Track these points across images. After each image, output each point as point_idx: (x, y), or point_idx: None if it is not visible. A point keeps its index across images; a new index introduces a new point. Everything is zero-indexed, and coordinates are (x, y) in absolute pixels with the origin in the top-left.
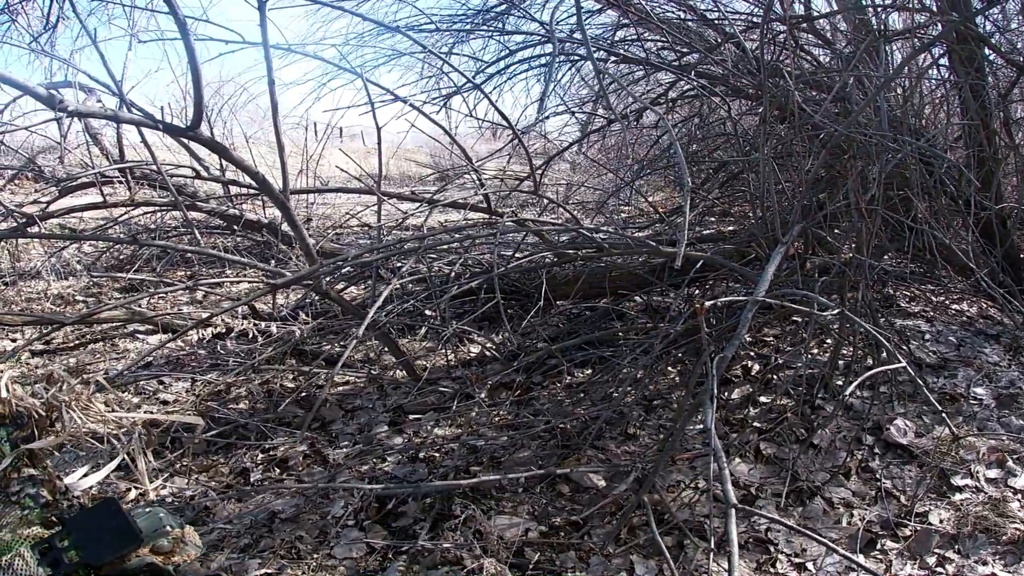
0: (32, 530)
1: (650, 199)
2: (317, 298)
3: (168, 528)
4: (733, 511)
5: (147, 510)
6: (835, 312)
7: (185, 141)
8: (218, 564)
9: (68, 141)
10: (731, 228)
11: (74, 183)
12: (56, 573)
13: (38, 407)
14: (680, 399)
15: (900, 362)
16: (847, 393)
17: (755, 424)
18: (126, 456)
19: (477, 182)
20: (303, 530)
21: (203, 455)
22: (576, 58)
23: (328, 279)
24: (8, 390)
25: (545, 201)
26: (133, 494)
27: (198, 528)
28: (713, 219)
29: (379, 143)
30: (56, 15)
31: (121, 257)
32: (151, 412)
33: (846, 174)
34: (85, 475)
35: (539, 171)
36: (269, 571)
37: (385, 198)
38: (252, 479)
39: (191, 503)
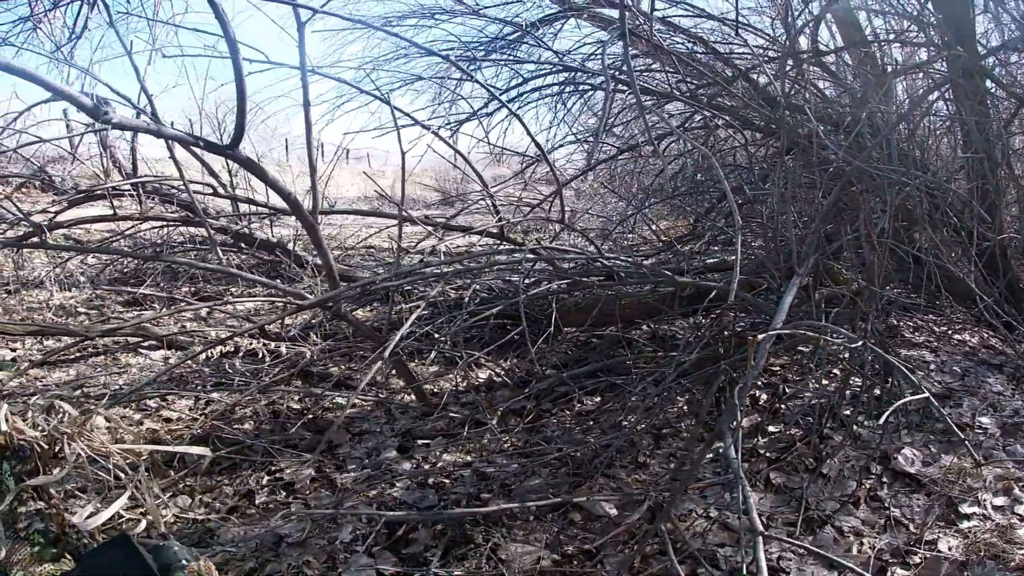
0: (43, 568)
1: (653, 227)
2: (325, 320)
3: (184, 562)
4: (760, 539)
5: (161, 544)
6: (858, 344)
7: (200, 156)
8: None
9: (79, 153)
10: (732, 258)
11: (86, 194)
12: None
13: (40, 440)
14: (692, 428)
15: (923, 392)
16: (880, 421)
17: (764, 453)
18: (134, 490)
19: (491, 207)
20: (310, 555)
21: (207, 475)
22: (586, 87)
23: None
24: (8, 423)
25: (556, 227)
26: (142, 525)
27: (202, 551)
28: (716, 248)
29: (403, 167)
30: (83, 25)
31: (125, 271)
32: (156, 442)
33: (858, 207)
34: (92, 513)
35: (551, 198)
36: None
37: (406, 222)
38: (257, 501)
39: (195, 524)
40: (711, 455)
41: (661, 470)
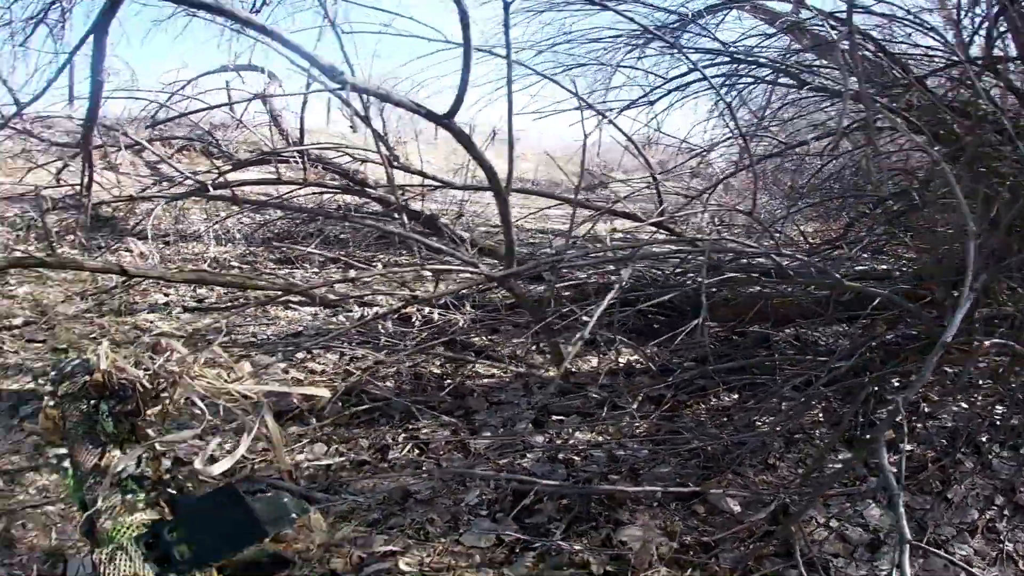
0: (136, 518)
1: (801, 228)
2: (477, 292)
3: (293, 516)
4: (908, 546)
5: (269, 494)
6: None
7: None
8: (342, 535)
9: (245, 120)
10: (883, 267)
11: (254, 158)
12: (164, 572)
13: (143, 379)
14: (828, 437)
15: None
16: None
17: (892, 470)
18: (261, 430)
19: (656, 195)
20: (435, 513)
21: (344, 427)
22: (749, 80)
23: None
24: (108, 360)
25: (711, 219)
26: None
27: (330, 498)
28: (866, 255)
29: (584, 152)
30: None
31: (278, 232)
32: (276, 383)
33: None
34: (213, 459)
35: (709, 191)
36: (395, 548)
37: (578, 207)
38: (390, 456)
39: (328, 472)
40: (839, 465)
41: (789, 474)
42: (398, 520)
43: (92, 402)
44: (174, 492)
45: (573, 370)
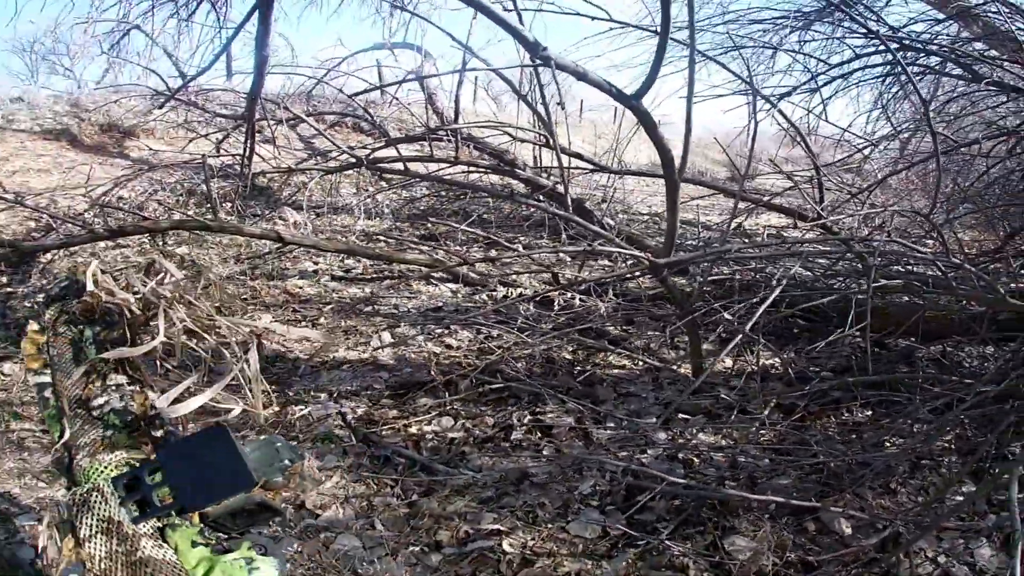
0: (115, 457)
1: (958, 235)
2: (619, 281)
3: (286, 462)
4: None
5: (260, 438)
6: None
7: (537, 110)
8: (454, 508)
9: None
10: None
11: (408, 137)
12: (143, 517)
13: (132, 304)
14: (958, 466)
15: None
16: None
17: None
18: (239, 375)
19: (817, 188)
20: (547, 498)
21: (474, 403)
22: (916, 71)
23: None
24: (96, 282)
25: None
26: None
27: (450, 471)
28: None
29: (753, 139)
30: None
31: (424, 209)
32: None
33: None
34: (178, 398)
35: (870, 189)
36: (502, 528)
37: (743, 199)
38: (513, 437)
39: (451, 446)
40: (960, 497)
41: (908, 500)
42: (510, 500)
43: (79, 327)
44: (159, 431)
45: (705, 368)
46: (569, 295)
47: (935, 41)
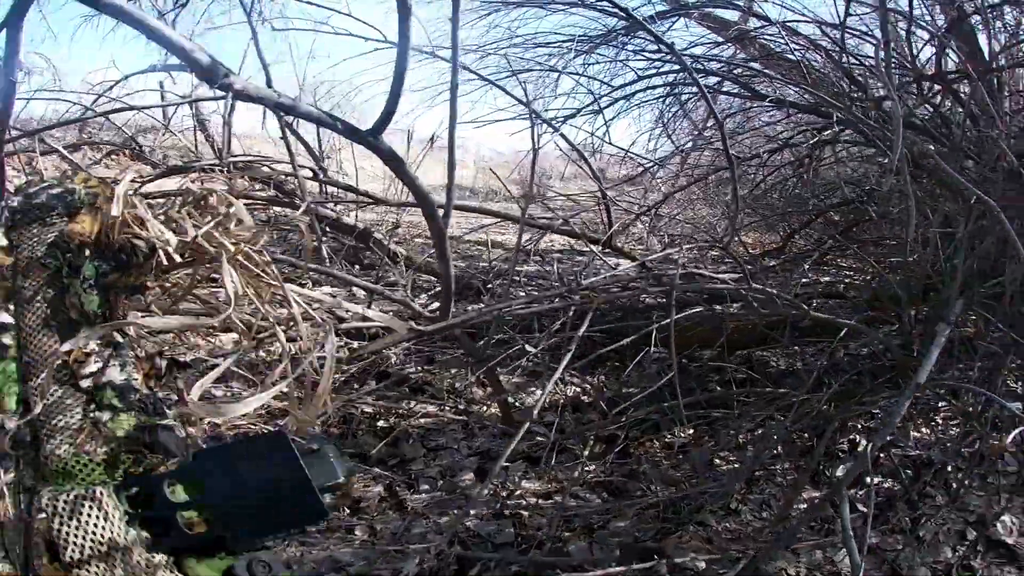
0: (110, 448)
1: (742, 238)
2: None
3: (341, 480)
4: None
5: (316, 450)
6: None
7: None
8: None
9: (173, 124)
10: (826, 279)
11: (177, 168)
12: (159, 547)
13: (170, 245)
14: (795, 476)
15: None
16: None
17: (859, 507)
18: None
19: (605, 210)
20: None
21: None
22: (691, 93)
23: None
24: (123, 206)
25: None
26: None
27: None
28: (807, 267)
29: (533, 164)
30: None
31: None
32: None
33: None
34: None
35: (656, 207)
36: None
37: (529, 226)
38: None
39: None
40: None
41: (754, 518)
42: None
43: (68, 258)
44: (163, 422)
45: (517, 405)
46: (356, 344)
47: (713, 60)
